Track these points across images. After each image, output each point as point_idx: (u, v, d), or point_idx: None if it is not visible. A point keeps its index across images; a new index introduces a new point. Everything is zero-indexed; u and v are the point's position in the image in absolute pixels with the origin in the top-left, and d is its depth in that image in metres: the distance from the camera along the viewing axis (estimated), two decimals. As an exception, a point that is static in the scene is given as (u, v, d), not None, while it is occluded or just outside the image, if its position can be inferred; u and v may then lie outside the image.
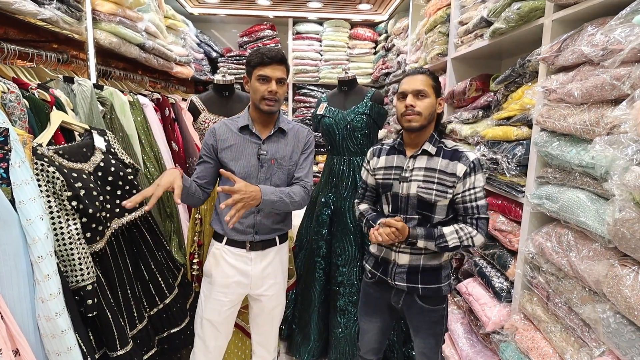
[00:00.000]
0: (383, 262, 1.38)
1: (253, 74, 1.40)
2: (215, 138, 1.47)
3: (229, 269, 1.51)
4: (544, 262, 1.21)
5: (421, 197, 1.26)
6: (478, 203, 1.24)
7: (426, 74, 1.28)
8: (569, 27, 1.18)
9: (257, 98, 1.41)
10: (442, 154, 1.27)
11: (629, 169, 0.79)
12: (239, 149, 1.46)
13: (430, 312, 1.33)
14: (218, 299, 1.52)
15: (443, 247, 1.23)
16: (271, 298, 1.59)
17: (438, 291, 1.31)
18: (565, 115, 1.10)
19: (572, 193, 1.08)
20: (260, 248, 1.51)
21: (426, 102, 1.25)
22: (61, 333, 1.01)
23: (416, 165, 1.29)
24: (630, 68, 0.88)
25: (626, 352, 0.85)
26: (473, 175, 1.23)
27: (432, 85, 1.27)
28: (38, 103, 1.25)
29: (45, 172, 1.09)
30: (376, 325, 1.46)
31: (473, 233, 1.22)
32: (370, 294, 1.45)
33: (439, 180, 1.25)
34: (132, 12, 2.02)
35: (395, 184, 1.32)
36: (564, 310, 1.12)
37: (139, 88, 2.39)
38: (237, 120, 1.51)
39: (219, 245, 1.53)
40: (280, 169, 1.50)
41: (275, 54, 1.38)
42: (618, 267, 0.89)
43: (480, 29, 1.73)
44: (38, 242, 0.99)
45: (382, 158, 1.39)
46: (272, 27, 4.10)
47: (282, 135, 1.51)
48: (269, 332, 1.68)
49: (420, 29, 2.52)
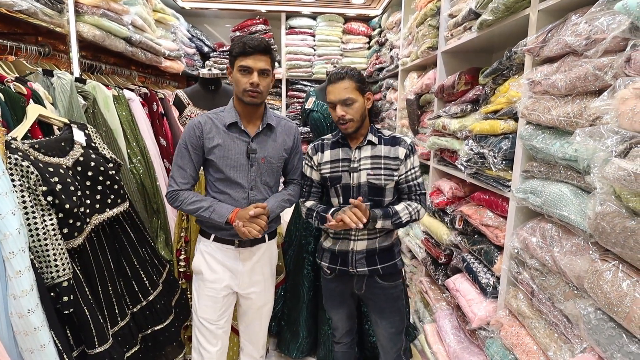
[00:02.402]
0: (340, 254, 1.44)
1: (235, 64, 1.34)
2: (203, 134, 1.39)
3: (217, 266, 1.48)
4: (528, 257, 1.19)
5: (372, 183, 1.36)
6: (418, 181, 1.40)
7: (347, 78, 1.32)
8: (555, 17, 1.16)
9: (240, 90, 1.35)
10: (383, 141, 1.39)
11: (609, 161, 0.77)
12: (227, 148, 1.40)
13: (391, 289, 1.46)
14: (210, 295, 1.49)
15: (397, 223, 1.34)
16: (260, 295, 1.57)
17: (395, 267, 1.44)
18: (549, 108, 1.08)
19: (555, 187, 1.06)
20: (249, 245, 1.47)
21: (355, 106, 1.33)
22: (34, 330, 0.99)
23: (362, 155, 1.38)
24: (613, 57, 0.86)
25: (606, 349, 0.83)
26: (412, 156, 1.38)
27: (356, 88, 1.33)
28: (13, 96, 1.22)
29: (19, 166, 1.07)
30: (344, 314, 1.57)
31: (419, 207, 1.38)
32: (332, 288, 1.54)
33: (385, 165, 1.36)
34: (117, 4, 1.99)
35: (344, 175, 1.39)
36: (548, 307, 1.11)
37: (126, 83, 2.36)
38: (222, 115, 1.43)
39: (206, 242, 1.49)
40: (270, 168, 1.46)
41: (258, 43, 1.31)
42: (599, 262, 0.87)
43: (469, 22, 1.70)
44: (9, 238, 0.97)
45: (327, 152, 1.44)
46: (265, 21, 4.06)
47: (271, 132, 1.46)
48: (257, 329, 1.66)
49: (411, 23, 2.50)
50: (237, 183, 1.41)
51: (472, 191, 1.79)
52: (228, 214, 1.36)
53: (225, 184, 1.42)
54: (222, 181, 1.42)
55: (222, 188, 1.43)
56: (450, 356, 1.63)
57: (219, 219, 1.36)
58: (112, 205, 1.40)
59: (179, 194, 1.42)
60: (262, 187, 1.46)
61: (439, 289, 1.98)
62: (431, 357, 1.79)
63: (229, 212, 1.36)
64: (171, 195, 1.44)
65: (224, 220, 1.36)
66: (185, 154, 1.41)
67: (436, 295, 1.95)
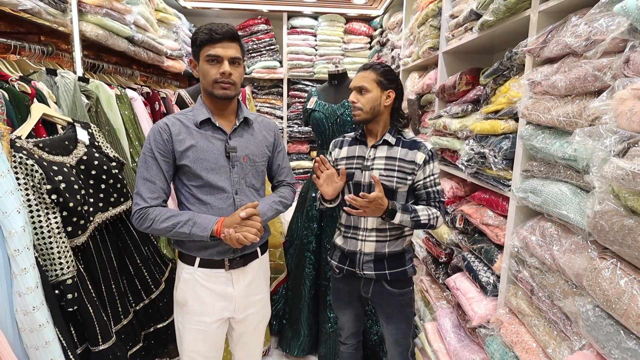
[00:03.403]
0: (349, 255, 1.42)
1: (201, 54, 1.17)
2: (172, 136, 1.19)
3: (206, 296, 1.26)
4: (528, 256, 1.20)
5: (383, 184, 1.31)
6: (437, 188, 1.36)
7: (371, 69, 1.34)
8: (555, 18, 1.17)
9: (209, 82, 1.18)
10: (402, 143, 1.36)
11: (607, 161, 0.78)
12: (203, 149, 1.21)
13: (399, 296, 1.41)
14: (199, 329, 1.28)
15: (416, 221, 1.30)
16: (257, 315, 1.39)
17: (404, 274, 1.39)
18: (549, 108, 1.09)
19: (555, 186, 1.07)
20: (241, 265, 1.28)
21: (367, 97, 1.32)
22: (39, 327, 1.00)
23: (377, 155, 1.36)
24: (612, 58, 0.87)
25: (604, 346, 0.84)
26: (432, 163, 1.34)
27: (375, 80, 1.32)
28: (18, 95, 1.23)
29: (24, 164, 1.08)
30: (351, 315, 1.53)
31: (438, 214, 1.33)
32: (340, 288, 1.51)
33: (399, 168, 1.33)
34: (120, 4, 2.00)
35: (357, 172, 1.38)
36: (547, 304, 1.12)
37: (128, 82, 2.37)
38: (191, 113, 1.25)
39: (189, 269, 1.26)
40: (255, 168, 1.30)
41: (227, 29, 1.15)
42: (597, 260, 0.88)
43: (470, 22, 1.71)
44: (14, 235, 0.98)
45: (344, 149, 1.44)
46: (267, 21, 4.07)
47: (248, 127, 1.30)
48: (254, 348, 1.48)
49: (413, 23, 2.50)
50: (219, 188, 1.22)
51: (472, 191, 1.81)
52: (212, 225, 1.15)
53: (205, 190, 1.22)
54: (200, 188, 1.22)
55: (202, 197, 1.22)
56: (450, 354, 1.64)
57: (202, 233, 1.15)
58: (115, 204, 1.41)
59: (148, 212, 1.17)
60: (248, 190, 1.28)
61: (439, 288, 1.99)
62: (432, 355, 1.80)
63: (212, 223, 1.15)
64: (139, 215, 1.17)
65: (209, 233, 1.14)
66: (152, 163, 1.18)
67: (437, 294, 1.96)
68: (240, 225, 1.14)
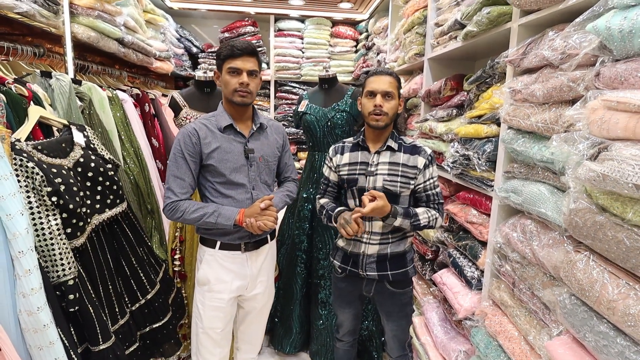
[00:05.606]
0: (352, 256, 1.46)
1: (223, 67, 1.36)
2: (200, 140, 1.38)
3: (226, 275, 1.48)
4: (510, 251, 1.29)
5: (387, 189, 1.36)
6: (436, 190, 1.42)
7: (393, 76, 1.39)
8: (534, 31, 1.26)
9: (229, 91, 1.36)
10: (403, 149, 1.41)
11: (581, 164, 0.87)
12: (226, 151, 1.40)
13: (400, 295, 1.47)
14: (217, 306, 1.49)
15: (416, 224, 1.35)
16: (263, 295, 1.60)
17: (405, 274, 1.45)
18: (528, 114, 1.18)
19: (534, 186, 1.17)
20: (254, 248, 1.50)
21: (392, 103, 1.37)
22: (43, 327, 1.02)
23: (381, 160, 1.40)
24: (585, 71, 0.96)
25: (579, 330, 0.93)
26: (431, 167, 1.40)
27: (397, 87, 1.38)
28: (15, 98, 1.23)
29: (25, 167, 1.09)
30: (351, 314, 1.58)
31: (437, 215, 1.40)
32: (342, 288, 1.55)
33: (402, 173, 1.37)
34: (111, 6, 2.00)
35: (360, 178, 1.41)
36: (528, 295, 1.21)
37: (117, 83, 2.36)
38: (214, 119, 1.44)
39: (211, 251, 1.48)
40: (268, 166, 1.50)
41: (246, 45, 1.34)
42: (572, 253, 0.97)
43: (455, 31, 1.80)
44: (18, 237, 0.99)
45: (346, 155, 1.47)
46: (254, 23, 4.09)
47: (263, 131, 1.50)
48: (257, 329, 1.68)
49: (399, 29, 2.59)
50: (240, 184, 1.43)
51: (457, 190, 1.89)
52: (235, 215, 1.36)
53: (228, 186, 1.43)
54: (223, 184, 1.43)
55: (225, 191, 1.43)
56: (437, 346, 1.72)
57: (227, 222, 1.36)
58: (112, 206, 1.42)
59: (179, 205, 1.38)
60: (262, 186, 1.49)
61: (426, 284, 2.08)
62: (420, 348, 1.88)
63: (235, 214, 1.37)
64: (170, 207, 1.39)
65: (232, 222, 1.36)
66: (182, 162, 1.38)
67: (423, 289, 2.05)
68: (260, 215, 1.34)
